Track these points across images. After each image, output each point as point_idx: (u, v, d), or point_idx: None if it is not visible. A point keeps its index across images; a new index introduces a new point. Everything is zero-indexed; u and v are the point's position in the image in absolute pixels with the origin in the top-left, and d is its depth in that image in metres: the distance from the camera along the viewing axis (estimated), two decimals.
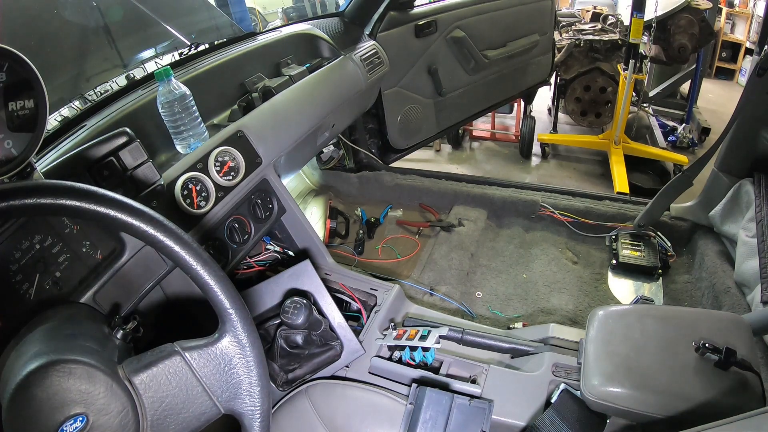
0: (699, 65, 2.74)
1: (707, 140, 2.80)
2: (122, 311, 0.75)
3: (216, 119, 1.13)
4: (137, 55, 1.54)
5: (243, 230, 1.06)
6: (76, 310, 0.66)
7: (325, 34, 1.52)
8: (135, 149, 0.79)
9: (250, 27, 3.40)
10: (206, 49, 1.29)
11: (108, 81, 1.20)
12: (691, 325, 0.73)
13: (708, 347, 0.66)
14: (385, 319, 1.00)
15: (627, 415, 0.69)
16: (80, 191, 0.45)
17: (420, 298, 1.47)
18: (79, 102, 1.15)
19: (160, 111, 0.92)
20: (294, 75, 1.25)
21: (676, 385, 0.67)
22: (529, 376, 0.83)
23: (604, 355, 0.72)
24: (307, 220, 1.22)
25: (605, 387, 0.68)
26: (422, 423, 0.74)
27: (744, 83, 2.44)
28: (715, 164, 1.46)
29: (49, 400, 0.46)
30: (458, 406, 0.75)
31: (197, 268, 0.49)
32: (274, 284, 0.94)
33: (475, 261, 1.64)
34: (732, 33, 4.07)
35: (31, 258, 0.65)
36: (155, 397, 0.49)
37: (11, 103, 0.56)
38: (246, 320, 0.52)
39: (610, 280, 1.50)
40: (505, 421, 0.78)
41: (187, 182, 0.88)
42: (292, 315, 0.81)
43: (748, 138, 1.33)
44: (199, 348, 0.51)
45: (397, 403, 0.80)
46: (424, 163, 2.99)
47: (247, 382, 0.52)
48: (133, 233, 0.47)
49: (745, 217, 1.30)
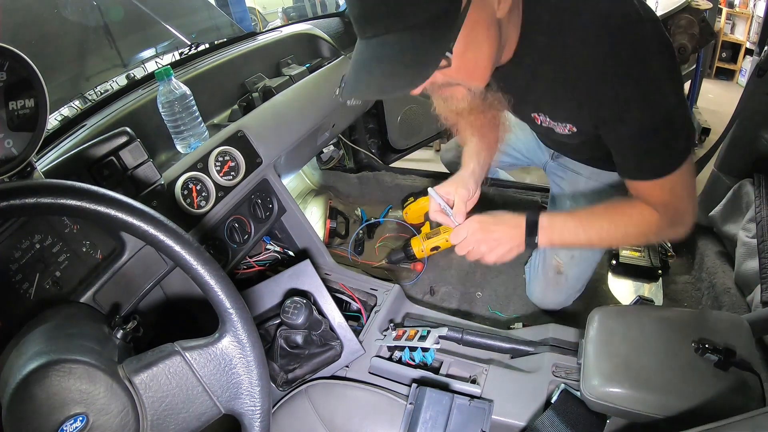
0: (699, 65, 2.73)
1: (707, 140, 2.79)
2: (122, 311, 0.75)
3: (216, 119, 1.13)
4: (137, 54, 1.54)
5: (243, 230, 1.06)
6: (76, 310, 0.66)
7: (325, 34, 1.52)
8: (135, 149, 0.79)
9: (250, 27, 3.40)
10: (206, 49, 1.29)
11: (108, 81, 1.20)
12: (690, 325, 0.73)
13: (708, 348, 0.66)
14: (385, 319, 1.00)
15: (627, 415, 0.69)
16: (80, 190, 0.45)
17: (420, 298, 1.47)
18: (79, 101, 1.16)
19: (160, 111, 0.92)
20: (294, 75, 1.26)
21: (675, 385, 0.67)
22: (529, 376, 0.84)
23: (603, 355, 0.72)
24: (307, 220, 1.22)
25: (605, 387, 0.68)
26: (422, 423, 0.74)
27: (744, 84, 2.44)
28: (715, 165, 1.46)
29: (49, 399, 0.46)
30: (458, 406, 0.75)
31: (197, 268, 0.49)
32: (274, 284, 0.94)
33: (474, 261, 1.64)
34: (732, 33, 4.07)
35: (31, 258, 0.65)
36: (155, 397, 0.49)
37: (12, 103, 0.56)
38: (246, 320, 0.52)
39: (610, 281, 1.50)
40: (505, 421, 0.78)
41: (187, 182, 0.88)
42: (292, 315, 0.81)
43: (748, 138, 1.33)
44: (200, 348, 0.51)
45: (397, 403, 0.80)
46: (424, 163, 2.99)
47: (247, 382, 0.52)
48: (133, 233, 0.47)
49: (745, 218, 1.30)
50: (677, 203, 0.79)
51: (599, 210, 0.85)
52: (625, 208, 0.83)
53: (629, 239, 0.88)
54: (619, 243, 0.89)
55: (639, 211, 0.81)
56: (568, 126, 0.86)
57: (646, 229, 0.81)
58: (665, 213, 0.79)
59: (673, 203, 0.78)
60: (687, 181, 0.78)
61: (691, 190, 0.80)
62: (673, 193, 0.78)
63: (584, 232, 0.83)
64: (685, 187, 0.78)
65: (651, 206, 0.80)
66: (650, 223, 0.80)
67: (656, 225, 0.80)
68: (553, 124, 0.88)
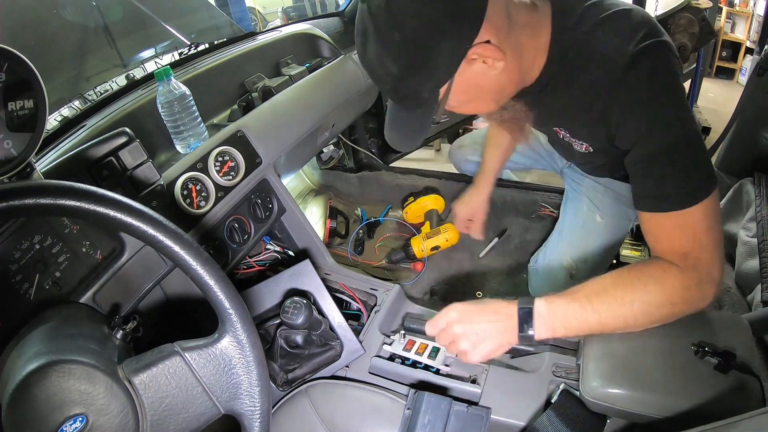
0: (699, 64, 2.73)
1: (707, 140, 2.78)
2: (122, 311, 0.75)
3: (216, 119, 1.13)
4: (137, 54, 1.54)
5: (243, 230, 1.06)
6: (75, 310, 0.66)
7: (325, 34, 1.52)
8: (135, 149, 0.79)
9: (250, 27, 3.40)
10: (206, 49, 1.29)
11: (108, 81, 1.20)
12: (690, 325, 0.73)
13: (707, 351, 0.66)
14: (384, 319, 1.00)
15: (627, 415, 0.69)
16: (80, 191, 0.45)
17: (420, 297, 1.47)
18: (78, 102, 1.15)
19: (159, 111, 0.92)
20: (294, 75, 1.25)
21: (675, 386, 0.67)
22: (529, 376, 0.83)
23: (603, 355, 0.72)
24: (307, 220, 1.22)
25: (604, 388, 0.68)
26: (420, 428, 0.75)
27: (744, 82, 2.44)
28: (715, 164, 1.46)
29: (48, 400, 0.46)
30: (456, 413, 0.75)
31: (197, 269, 0.49)
32: (274, 284, 0.94)
33: (475, 261, 1.64)
34: (732, 32, 4.07)
35: (30, 258, 0.65)
36: (155, 398, 0.49)
37: (11, 103, 0.56)
38: (246, 320, 0.52)
39: None
40: (505, 421, 0.78)
41: (186, 182, 0.88)
42: (292, 315, 0.81)
43: (749, 137, 1.33)
44: (199, 348, 0.51)
45: (397, 403, 0.80)
46: (424, 163, 2.99)
47: (246, 382, 0.52)
48: (132, 233, 0.47)
49: (745, 217, 1.30)
50: (700, 252, 0.68)
51: (607, 281, 0.71)
52: (639, 273, 0.70)
53: (652, 312, 0.69)
54: (639, 321, 0.69)
55: (658, 272, 0.69)
56: (585, 145, 0.88)
57: (671, 294, 0.68)
58: (687, 266, 0.68)
59: (696, 252, 0.68)
60: (711, 224, 0.68)
61: (717, 235, 0.69)
62: (696, 236, 0.68)
63: (594, 312, 0.69)
64: (710, 231, 0.68)
65: (669, 262, 0.70)
66: (673, 286, 0.68)
67: (681, 285, 0.68)
68: (572, 140, 0.89)
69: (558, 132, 0.92)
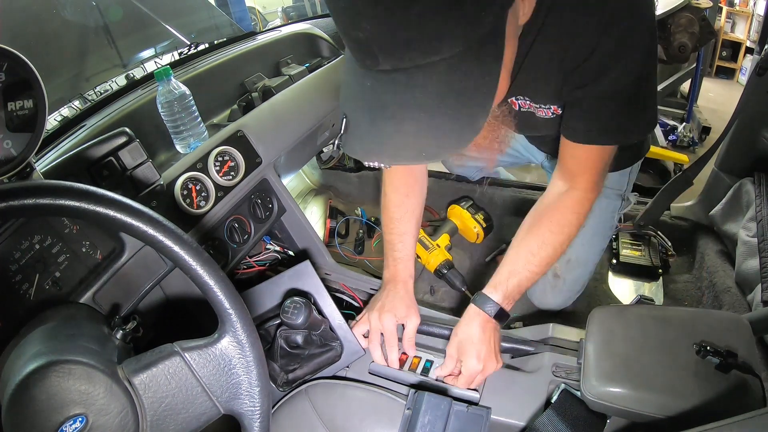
0: (699, 64, 2.73)
1: (708, 139, 2.79)
2: (122, 311, 0.75)
3: (216, 119, 1.13)
4: (137, 54, 1.54)
5: (243, 230, 1.06)
6: (75, 311, 0.66)
7: (324, 34, 1.52)
8: (134, 149, 0.79)
9: (249, 26, 3.40)
10: (206, 49, 1.29)
11: (108, 81, 1.20)
12: (691, 324, 0.73)
13: (709, 350, 0.66)
14: None
15: (627, 415, 0.69)
16: (79, 191, 0.45)
17: (420, 297, 1.47)
18: (78, 102, 1.15)
19: (159, 111, 0.92)
20: (294, 74, 1.25)
21: (676, 385, 0.67)
22: (529, 376, 0.83)
23: (604, 355, 0.72)
24: (307, 220, 1.22)
25: (605, 387, 0.68)
26: (420, 428, 0.75)
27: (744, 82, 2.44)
28: (715, 163, 1.46)
29: (48, 400, 0.46)
30: (456, 413, 0.75)
31: (197, 269, 0.49)
32: (274, 284, 0.94)
33: (475, 261, 1.64)
34: (732, 32, 4.07)
35: (30, 258, 0.65)
36: (155, 398, 0.49)
37: (11, 104, 0.56)
38: (246, 320, 0.52)
39: (610, 280, 1.50)
40: (505, 421, 0.78)
41: (186, 182, 0.88)
42: (292, 315, 0.81)
43: (749, 137, 1.33)
44: (199, 348, 0.51)
45: (397, 403, 0.80)
46: None
47: (246, 383, 0.52)
48: (132, 233, 0.47)
49: (745, 217, 1.30)
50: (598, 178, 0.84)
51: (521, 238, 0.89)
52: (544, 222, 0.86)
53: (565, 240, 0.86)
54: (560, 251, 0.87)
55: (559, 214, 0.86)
56: (550, 109, 0.84)
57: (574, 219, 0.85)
58: (580, 188, 0.84)
59: (594, 177, 0.83)
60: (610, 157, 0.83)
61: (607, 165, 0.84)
62: (605, 165, 0.82)
63: (524, 267, 0.86)
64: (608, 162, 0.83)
65: (569, 178, 0.85)
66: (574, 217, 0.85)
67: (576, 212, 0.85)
68: (534, 107, 0.85)
69: (515, 104, 0.86)
